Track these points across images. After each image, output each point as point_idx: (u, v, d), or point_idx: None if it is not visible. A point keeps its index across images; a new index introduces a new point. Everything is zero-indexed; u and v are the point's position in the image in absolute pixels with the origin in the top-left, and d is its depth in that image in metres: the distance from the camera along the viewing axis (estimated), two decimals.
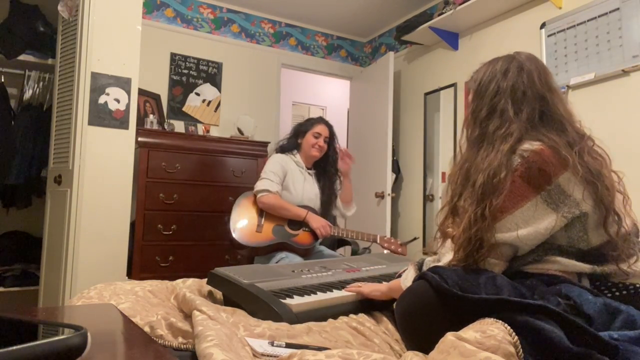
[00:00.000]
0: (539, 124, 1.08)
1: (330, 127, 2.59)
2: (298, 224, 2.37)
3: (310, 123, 2.59)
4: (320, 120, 2.62)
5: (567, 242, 1.01)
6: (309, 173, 2.55)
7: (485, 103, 1.13)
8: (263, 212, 2.38)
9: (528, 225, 0.99)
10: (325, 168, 2.58)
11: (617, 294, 0.98)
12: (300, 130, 2.58)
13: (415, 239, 2.76)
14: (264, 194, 2.36)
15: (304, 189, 2.47)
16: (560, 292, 0.95)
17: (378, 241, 2.42)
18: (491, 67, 1.17)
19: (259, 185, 2.40)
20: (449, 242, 1.12)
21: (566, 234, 1.01)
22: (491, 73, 1.15)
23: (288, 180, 2.46)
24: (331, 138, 2.59)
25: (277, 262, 2.23)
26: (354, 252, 2.60)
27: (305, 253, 2.37)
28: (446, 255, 1.11)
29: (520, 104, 1.09)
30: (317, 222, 2.34)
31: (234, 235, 2.30)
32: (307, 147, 2.51)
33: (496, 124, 1.10)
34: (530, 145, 1.03)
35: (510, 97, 1.10)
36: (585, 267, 0.99)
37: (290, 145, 2.58)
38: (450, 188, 1.15)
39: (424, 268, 1.16)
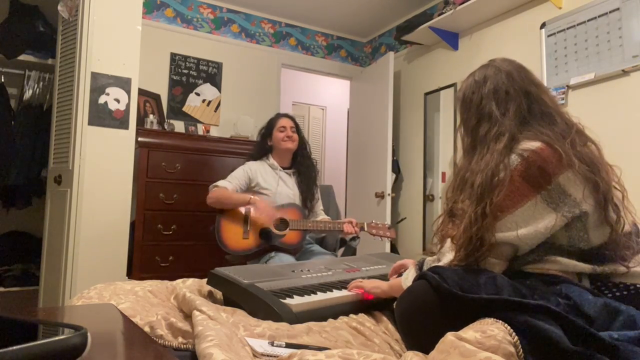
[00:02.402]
0: (529, 118, 1.10)
1: (291, 118, 2.57)
2: (283, 224, 2.33)
3: (271, 122, 2.59)
4: (279, 115, 2.62)
5: (567, 241, 1.01)
6: (286, 173, 2.51)
7: (472, 112, 1.16)
8: (247, 218, 2.35)
9: (528, 224, 0.99)
10: (301, 165, 2.54)
11: (618, 294, 0.98)
12: (266, 133, 2.58)
13: (402, 219, 2.67)
14: (212, 190, 2.39)
15: (278, 190, 2.43)
16: (561, 292, 0.95)
17: (366, 229, 2.35)
18: (470, 79, 1.21)
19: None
20: (448, 242, 1.12)
21: (566, 234, 1.01)
22: (472, 84, 1.19)
23: (261, 184, 2.43)
24: (297, 127, 2.56)
25: (266, 262, 2.23)
26: (347, 247, 2.56)
27: (295, 251, 2.35)
28: (446, 255, 1.11)
29: (505, 103, 1.12)
30: (261, 206, 2.29)
31: (221, 246, 2.32)
32: (278, 144, 2.49)
33: (486, 127, 1.12)
34: (529, 145, 1.03)
35: (494, 99, 1.13)
36: (585, 267, 0.99)
37: (261, 151, 2.57)
38: (446, 197, 1.16)
39: (425, 268, 1.15)
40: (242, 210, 2.37)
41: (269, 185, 2.44)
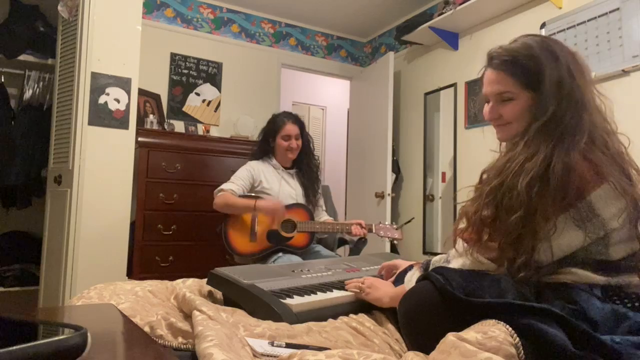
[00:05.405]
0: (583, 129, 1.04)
1: (297, 122, 2.53)
2: (291, 226, 2.33)
3: (277, 125, 2.52)
4: (286, 118, 2.53)
5: (585, 254, 0.98)
6: (288, 173, 2.52)
7: (550, 102, 1.06)
8: (255, 220, 2.33)
9: (551, 239, 0.97)
10: (304, 163, 2.55)
11: (629, 305, 0.96)
12: (269, 133, 2.54)
13: (409, 221, 2.68)
14: (217, 195, 2.36)
15: (280, 190, 2.44)
16: (568, 296, 0.93)
17: (374, 230, 2.36)
18: (556, 67, 1.12)
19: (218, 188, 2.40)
20: (459, 245, 1.09)
21: (585, 248, 0.98)
22: (558, 72, 1.11)
23: (264, 184, 2.44)
24: (302, 131, 2.53)
25: (273, 262, 2.23)
26: (354, 248, 2.56)
27: (302, 253, 2.36)
28: (453, 262, 1.10)
29: (567, 103, 1.06)
30: (268, 208, 2.28)
31: (229, 249, 2.32)
32: (282, 151, 2.49)
33: (540, 112, 1.05)
34: (566, 158, 0.97)
35: (569, 106, 1.06)
36: (600, 279, 0.96)
37: (264, 150, 2.56)
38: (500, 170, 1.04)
39: (430, 269, 1.15)
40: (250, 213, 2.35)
41: (272, 185, 2.45)
